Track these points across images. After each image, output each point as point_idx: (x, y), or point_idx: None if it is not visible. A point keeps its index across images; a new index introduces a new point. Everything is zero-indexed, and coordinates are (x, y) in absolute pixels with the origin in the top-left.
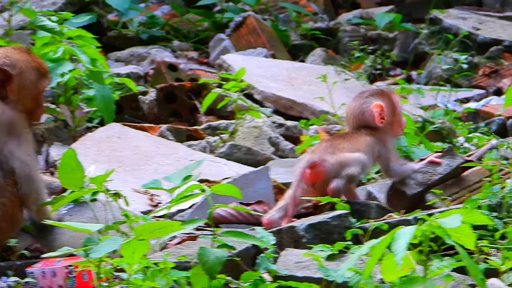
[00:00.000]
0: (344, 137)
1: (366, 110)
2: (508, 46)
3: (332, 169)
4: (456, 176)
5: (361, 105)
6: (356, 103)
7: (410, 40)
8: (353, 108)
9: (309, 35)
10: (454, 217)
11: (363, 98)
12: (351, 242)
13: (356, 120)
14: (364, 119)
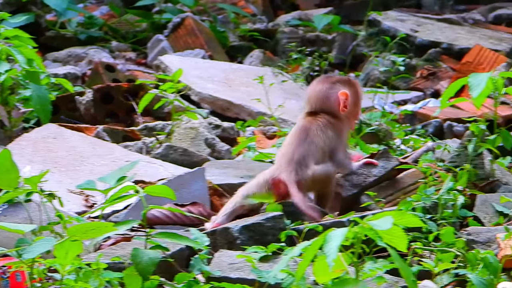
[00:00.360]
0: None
1: (331, 95)
2: (446, 48)
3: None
4: (391, 178)
5: (328, 89)
6: (322, 86)
7: (348, 42)
8: (318, 90)
9: (248, 36)
10: (386, 219)
11: (330, 82)
12: (285, 244)
13: (318, 102)
14: (328, 104)
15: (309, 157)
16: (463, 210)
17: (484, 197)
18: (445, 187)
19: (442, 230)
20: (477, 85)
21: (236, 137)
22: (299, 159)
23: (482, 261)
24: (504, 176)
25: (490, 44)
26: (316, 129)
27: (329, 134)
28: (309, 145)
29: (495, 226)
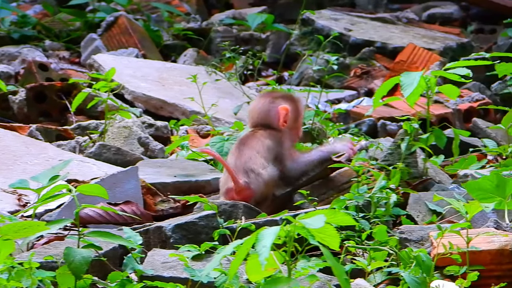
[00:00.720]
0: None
1: (271, 110)
2: (380, 47)
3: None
4: (324, 177)
5: (269, 104)
6: (264, 100)
7: (282, 41)
8: (260, 105)
9: (182, 35)
10: (318, 217)
11: (272, 97)
12: (218, 243)
13: (259, 117)
14: (268, 118)
15: (253, 163)
16: (396, 209)
17: (417, 196)
18: (377, 185)
19: (375, 229)
20: (409, 84)
21: (170, 136)
22: (243, 167)
23: (415, 260)
24: (437, 174)
25: (423, 43)
26: (255, 139)
27: (267, 144)
28: (250, 152)
29: (428, 224)
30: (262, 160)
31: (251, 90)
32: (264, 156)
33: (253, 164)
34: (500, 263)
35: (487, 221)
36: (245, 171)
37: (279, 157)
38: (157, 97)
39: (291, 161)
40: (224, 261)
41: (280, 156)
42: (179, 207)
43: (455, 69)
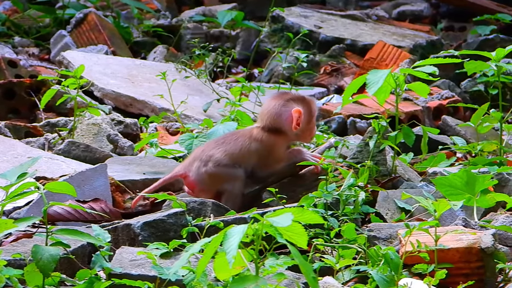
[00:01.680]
0: (218, 140)
1: (284, 113)
2: (350, 44)
3: (203, 181)
4: (293, 174)
5: (280, 106)
6: (275, 102)
7: (252, 38)
8: (271, 106)
9: (151, 32)
10: (286, 216)
11: (284, 100)
12: (187, 240)
13: (271, 120)
14: (280, 122)
15: (206, 154)
16: (365, 206)
17: (385, 194)
18: (346, 183)
19: (344, 227)
20: (375, 82)
21: (139, 133)
22: (204, 156)
23: (383, 257)
24: (406, 172)
25: (393, 40)
26: (242, 137)
27: (252, 148)
28: (220, 146)
29: (397, 222)
30: (219, 154)
31: (221, 87)
32: (228, 152)
33: (204, 155)
34: (468, 261)
35: (455, 219)
36: (194, 159)
37: (255, 163)
38: (127, 94)
39: (265, 172)
40: (192, 259)
41: (257, 163)
42: (148, 204)
43: (423, 67)
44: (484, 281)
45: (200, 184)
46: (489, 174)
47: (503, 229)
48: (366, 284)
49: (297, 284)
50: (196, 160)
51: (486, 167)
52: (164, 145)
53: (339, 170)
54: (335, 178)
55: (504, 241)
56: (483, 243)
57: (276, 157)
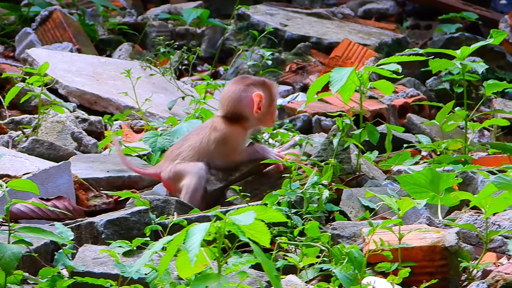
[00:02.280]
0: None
1: (245, 98)
2: (315, 42)
3: (172, 180)
4: (257, 172)
5: (241, 92)
6: (235, 87)
7: (218, 36)
8: (231, 92)
9: (117, 30)
10: (248, 214)
11: (244, 84)
12: (150, 238)
13: (231, 105)
14: (240, 107)
15: (181, 155)
16: (329, 205)
17: (350, 192)
18: (310, 181)
19: (308, 225)
20: (338, 80)
21: (103, 131)
22: (173, 155)
23: (347, 256)
24: (370, 170)
25: (359, 38)
26: (203, 129)
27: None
28: (184, 142)
29: (361, 220)
30: (185, 151)
31: (186, 85)
32: (191, 146)
33: (173, 154)
34: (432, 260)
35: (419, 218)
36: (166, 159)
37: (214, 152)
38: (91, 91)
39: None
40: (156, 257)
41: (215, 152)
42: (112, 202)
43: (388, 65)
44: (447, 279)
45: (171, 183)
46: (454, 173)
47: (467, 228)
48: (330, 282)
49: (260, 282)
50: (167, 160)
51: (451, 166)
52: (129, 143)
53: (303, 168)
54: (299, 176)
55: (468, 239)
56: (447, 242)
57: (235, 145)
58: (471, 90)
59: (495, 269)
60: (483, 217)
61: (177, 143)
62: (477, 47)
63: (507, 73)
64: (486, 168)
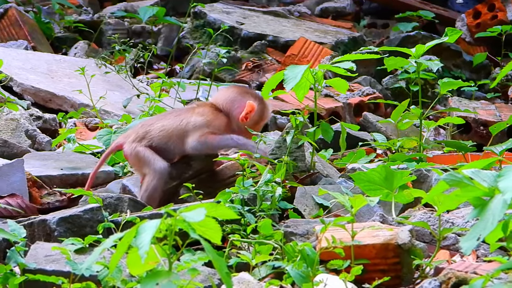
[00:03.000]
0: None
1: (239, 101)
2: (272, 41)
3: (132, 158)
4: (211, 170)
5: (239, 94)
6: (234, 90)
7: (174, 34)
8: (230, 93)
9: (73, 27)
10: (199, 211)
11: (244, 91)
12: (103, 236)
13: (224, 103)
14: (232, 108)
15: (149, 133)
16: (282, 202)
17: (303, 190)
18: (263, 179)
19: (260, 222)
20: (292, 78)
21: (58, 128)
22: (141, 132)
23: (299, 253)
24: (325, 168)
25: (315, 37)
26: (185, 113)
27: (193, 120)
28: (157, 121)
29: (315, 218)
30: (154, 131)
31: (141, 83)
32: (165, 127)
33: (142, 130)
34: (385, 257)
35: (373, 215)
36: (133, 132)
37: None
38: (46, 89)
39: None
40: (108, 255)
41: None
42: (65, 200)
43: (342, 63)
44: (400, 277)
45: (130, 160)
46: (408, 170)
47: (420, 225)
48: (282, 280)
49: (211, 280)
50: (133, 133)
51: (405, 163)
52: (83, 141)
53: (257, 165)
54: (253, 173)
55: (421, 237)
56: (399, 239)
57: (215, 129)
58: (426, 89)
59: (447, 266)
60: (436, 214)
61: (149, 119)
62: (432, 45)
63: (463, 72)
64: (440, 166)
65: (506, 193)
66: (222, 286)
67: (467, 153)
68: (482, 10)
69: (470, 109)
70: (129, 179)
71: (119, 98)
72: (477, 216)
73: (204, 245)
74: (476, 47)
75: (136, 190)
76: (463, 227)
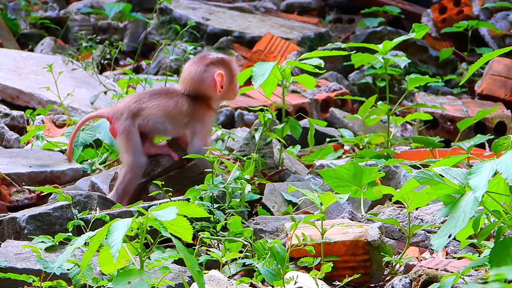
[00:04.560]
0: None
1: (206, 78)
2: (238, 36)
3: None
4: (180, 167)
5: (202, 73)
6: (196, 68)
7: (140, 30)
8: (193, 73)
9: (39, 24)
10: (170, 209)
11: (204, 64)
12: (73, 234)
13: (193, 86)
14: (203, 87)
15: (145, 111)
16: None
17: (272, 186)
18: (232, 176)
19: (230, 220)
20: (260, 74)
21: (26, 125)
22: (133, 106)
23: (269, 251)
24: (293, 165)
25: (281, 32)
26: (176, 96)
27: (185, 109)
28: (150, 98)
29: (284, 215)
30: (150, 108)
31: (108, 79)
32: (161, 107)
33: (136, 106)
34: (354, 254)
35: (342, 212)
36: (124, 108)
37: (191, 130)
38: (13, 86)
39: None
40: (79, 253)
41: (193, 130)
42: (34, 197)
43: (310, 60)
44: (370, 274)
45: (119, 137)
46: (376, 167)
47: (389, 222)
48: (252, 277)
49: (182, 277)
50: (126, 109)
51: (374, 160)
52: (51, 138)
53: (225, 163)
54: (222, 171)
55: (390, 234)
56: (369, 236)
57: (209, 128)
58: (393, 84)
59: (417, 263)
60: (406, 211)
61: (140, 97)
62: (399, 41)
63: (429, 67)
64: (409, 162)
65: (477, 191)
66: (193, 284)
67: (434, 149)
68: (448, 5)
69: (437, 105)
70: (98, 177)
71: (86, 95)
72: (447, 214)
73: (176, 243)
74: (442, 42)
75: (105, 187)
76: (432, 223)
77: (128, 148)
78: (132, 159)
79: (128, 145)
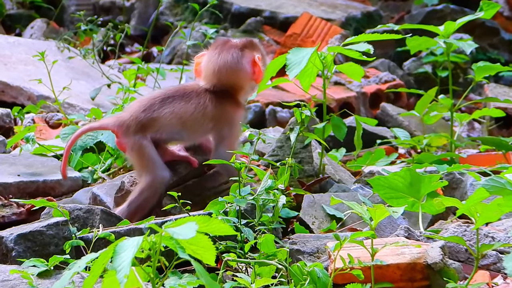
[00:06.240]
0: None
1: (245, 65)
2: (269, 17)
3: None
4: (199, 175)
5: (240, 58)
6: (230, 55)
7: (150, 9)
8: (229, 61)
9: (28, 3)
10: (189, 226)
11: (237, 49)
12: (71, 256)
13: (227, 77)
14: (240, 76)
15: (158, 120)
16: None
17: (311, 198)
18: (262, 186)
19: (261, 239)
20: (296, 63)
21: (13, 126)
22: (143, 116)
23: (308, 276)
24: (337, 172)
25: (321, 12)
26: (196, 97)
27: (208, 111)
28: (162, 105)
29: (326, 233)
30: (164, 117)
31: (112, 70)
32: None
33: (145, 116)
34: (411, 280)
35: (396, 229)
36: (131, 118)
37: (217, 134)
38: None
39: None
40: (77, 279)
41: (220, 134)
42: (24, 212)
43: (356, 45)
44: None
45: (129, 154)
46: (438, 174)
47: (454, 241)
48: None
49: None
50: (134, 121)
51: (434, 166)
52: (43, 141)
53: (254, 170)
54: (251, 179)
55: (455, 255)
56: (429, 258)
57: (239, 131)
58: (458, 74)
59: None
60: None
61: (149, 102)
62: (464, 22)
63: (501, 53)
64: (477, 169)
65: None
66: None
67: (508, 152)
68: None
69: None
70: (100, 187)
71: (85, 89)
72: None
73: (196, 266)
74: None
75: (109, 200)
76: (505, 242)
77: (143, 165)
78: (152, 176)
79: (143, 162)
